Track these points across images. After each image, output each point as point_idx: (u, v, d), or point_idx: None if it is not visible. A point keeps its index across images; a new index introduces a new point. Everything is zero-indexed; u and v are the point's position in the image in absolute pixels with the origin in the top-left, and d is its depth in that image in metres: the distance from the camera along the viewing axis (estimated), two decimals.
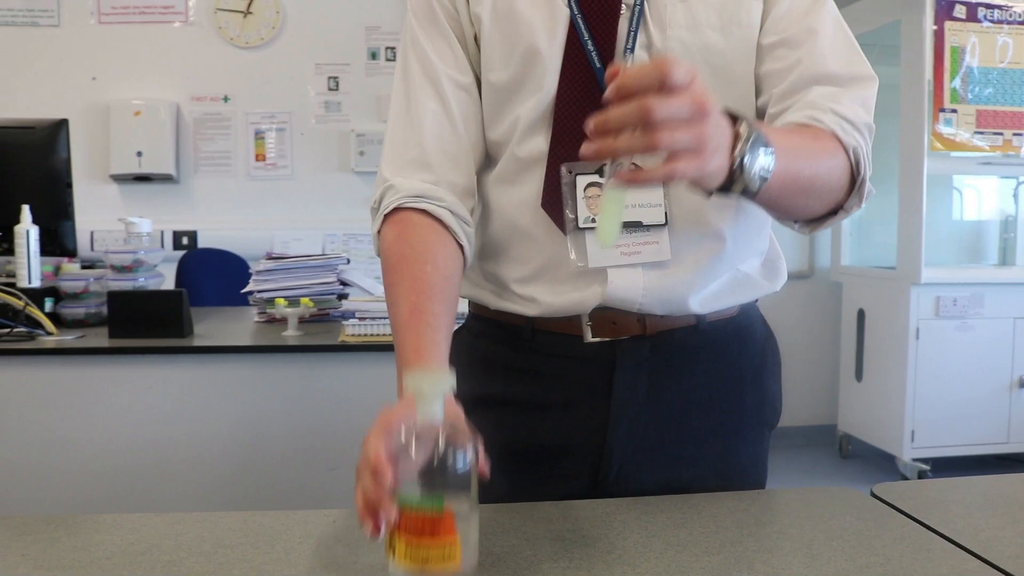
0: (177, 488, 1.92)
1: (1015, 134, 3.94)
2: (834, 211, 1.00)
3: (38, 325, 2.08)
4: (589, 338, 1.05)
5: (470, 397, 1.11)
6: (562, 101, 1.03)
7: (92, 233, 3.77)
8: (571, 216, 1.02)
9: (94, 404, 1.92)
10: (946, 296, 3.92)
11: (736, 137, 0.79)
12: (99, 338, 2.04)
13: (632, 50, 1.03)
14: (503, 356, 1.11)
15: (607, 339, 1.05)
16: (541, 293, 1.06)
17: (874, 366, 4.21)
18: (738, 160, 0.79)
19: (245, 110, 3.97)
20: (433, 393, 0.75)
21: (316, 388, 1.96)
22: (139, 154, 3.83)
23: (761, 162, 0.81)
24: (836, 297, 4.49)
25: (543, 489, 1.04)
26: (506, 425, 1.07)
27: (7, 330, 2.05)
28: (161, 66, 3.93)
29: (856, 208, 0.99)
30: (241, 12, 3.93)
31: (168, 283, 3.26)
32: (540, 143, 1.04)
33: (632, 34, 1.03)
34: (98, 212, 3.78)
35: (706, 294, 1.06)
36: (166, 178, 3.90)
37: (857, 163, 0.96)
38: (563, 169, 1.03)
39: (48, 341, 2.01)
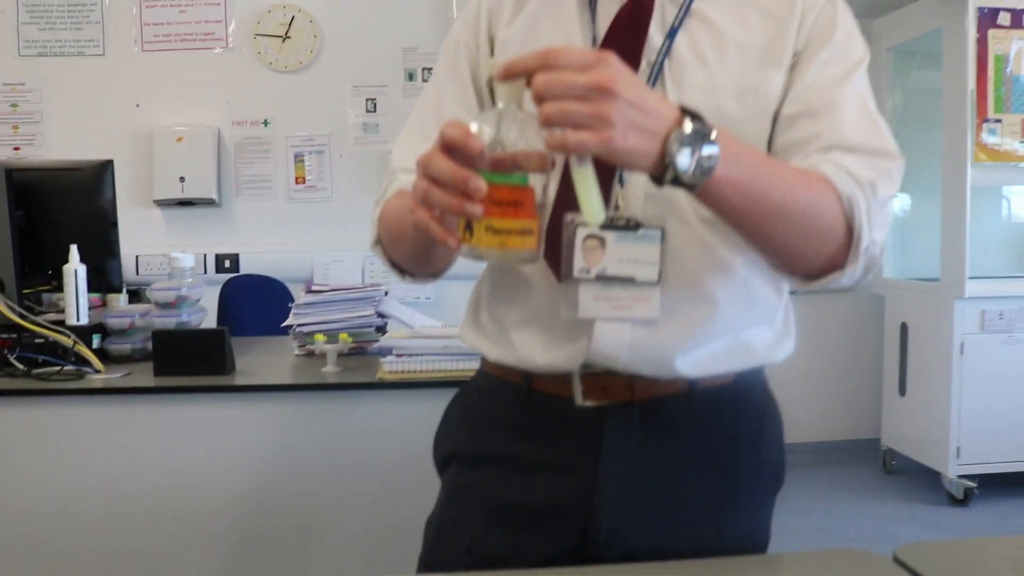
0: (220, 525, 1.97)
1: None
2: (832, 268, 0.98)
3: (86, 362, 2.15)
4: (580, 401, 1.07)
5: (473, 455, 1.16)
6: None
7: (137, 258, 3.86)
8: (567, 265, 1.03)
9: (140, 442, 1.97)
10: (992, 310, 3.86)
11: (676, 126, 0.82)
12: (145, 375, 2.10)
13: None
14: (503, 415, 1.14)
15: (598, 403, 1.06)
16: (533, 342, 1.08)
17: (918, 381, 4.16)
18: (669, 148, 0.81)
19: (285, 133, 4.05)
20: (516, 83, 0.79)
21: (355, 425, 1.99)
22: (182, 179, 3.92)
23: (700, 156, 0.82)
24: (879, 310, 4.44)
25: (535, 547, 1.07)
26: (504, 483, 1.11)
27: (57, 368, 2.12)
28: (202, 92, 4.02)
29: (854, 269, 0.97)
30: (280, 37, 4.00)
31: (211, 308, 3.34)
32: (549, 190, 1.06)
33: None
34: (143, 237, 3.88)
35: (696, 357, 1.06)
36: (208, 202, 3.99)
37: (851, 214, 0.95)
38: (566, 218, 1.03)
39: (96, 380, 2.07)
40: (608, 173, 1.04)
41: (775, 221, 0.92)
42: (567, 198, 1.05)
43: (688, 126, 0.81)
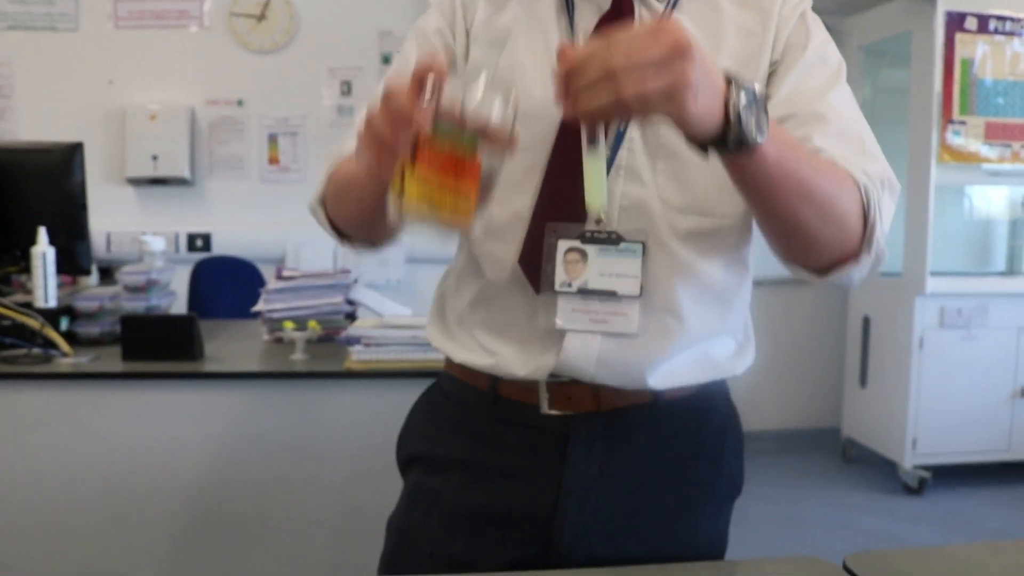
0: (183, 508, 2.00)
1: (1023, 146, 3.95)
2: (845, 260, 0.97)
3: (54, 345, 2.16)
4: (545, 410, 1.08)
5: (437, 459, 1.16)
6: (554, 164, 1.06)
7: (108, 235, 3.84)
8: (548, 278, 1.04)
9: (107, 427, 1.99)
10: (951, 306, 3.95)
11: (728, 87, 0.80)
12: (113, 360, 2.11)
13: (627, 123, 1.05)
14: (468, 421, 1.15)
15: (563, 412, 1.08)
16: (502, 349, 1.09)
17: (878, 373, 4.25)
18: (732, 105, 0.79)
19: (259, 114, 4.03)
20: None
21: (323, 414, 2.02)
22: (154, 157, 3.90)
23: (757, 116, 0.80)
24: (842, 302, 4.52)
25: (498, 552, 1.09)
26: (467, 488, 1.12)
27: (24, 351, 2.13)
28: (176, 70, 3.99)
29: (868, 259, 0.96)
30: (255, 17, 3.98)
31: (182, 288, 3.34)
32: (523, 201, 1.07)
33: None
34: (114, 215, 3.87)
35: (662, 370, 1.07)
36: (181, 181, 3.97)
37: (868, 203, 0.95)
38: (548, 229, 1.04)
39: (63, 364, 2.08)
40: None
41: (801, 201, 0.90)
42: (545, 209, 1.05)
43: (741, 85, 0.80)
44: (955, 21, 3.79)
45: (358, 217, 1.08)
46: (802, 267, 1.01)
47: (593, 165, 0.80)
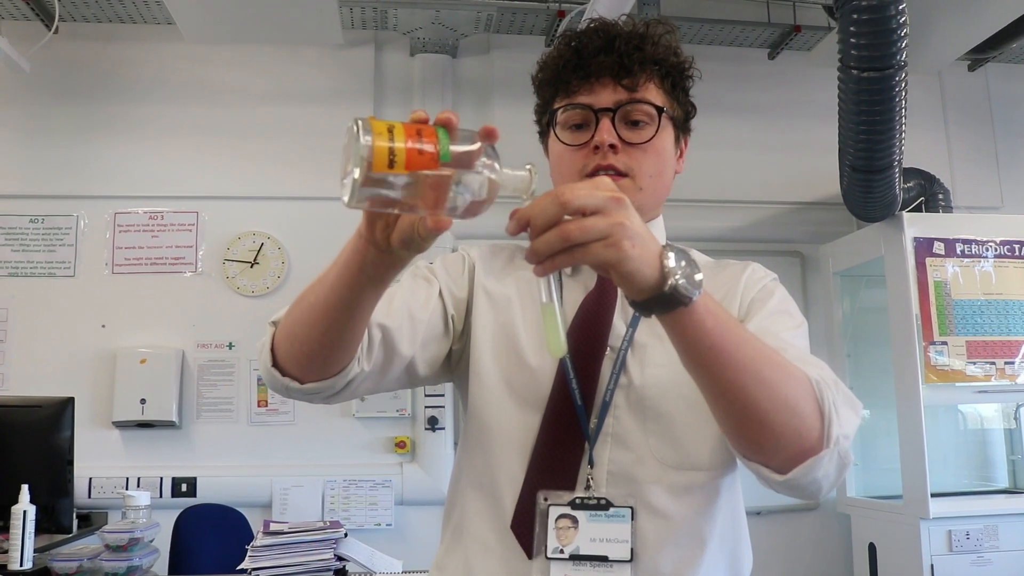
0: None
1: (1007, 362, 3.99)
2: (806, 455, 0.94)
3: None
4: None
5: None
6: (544, 432, 1.10)
7: (91, 480, 3.73)
8: (540, 544, 1.06)
9: None
10: (958, 530, 3.83)
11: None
12: None
13: (613, 392, 1.09)
14: None
15: None
16: None
17: None
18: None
19: (249, 356, 4.04)
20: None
21: None
22: (143, 401, 3.87)
23: (689, 271, 0.82)
24: (845, 529, 4.39)
25: None
26: None
27: None
28: (169, 314, 4.04)
29: (827, 453, 0.93)
30: (248, 263, 4.10)
31: (166, 538, 3.21)
32: (517, 465, 1.10)
33: (615, 376, 1.10)
34: (98, 459, 3.79)
35: None
36: (168, 424, 3.91)
37: (821, 395, 0.93)
38: (540, 497, 1.07)
39: None
40: (578, 453, 1.08)
41: (747, 375, 0.89)
42: (536, 476, 1.08)
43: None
44: (923, 246, 3.95)
45: (320, 319, 1.00)
46: (763, 464, 0.96)
47: (548, 314, 0.83)
